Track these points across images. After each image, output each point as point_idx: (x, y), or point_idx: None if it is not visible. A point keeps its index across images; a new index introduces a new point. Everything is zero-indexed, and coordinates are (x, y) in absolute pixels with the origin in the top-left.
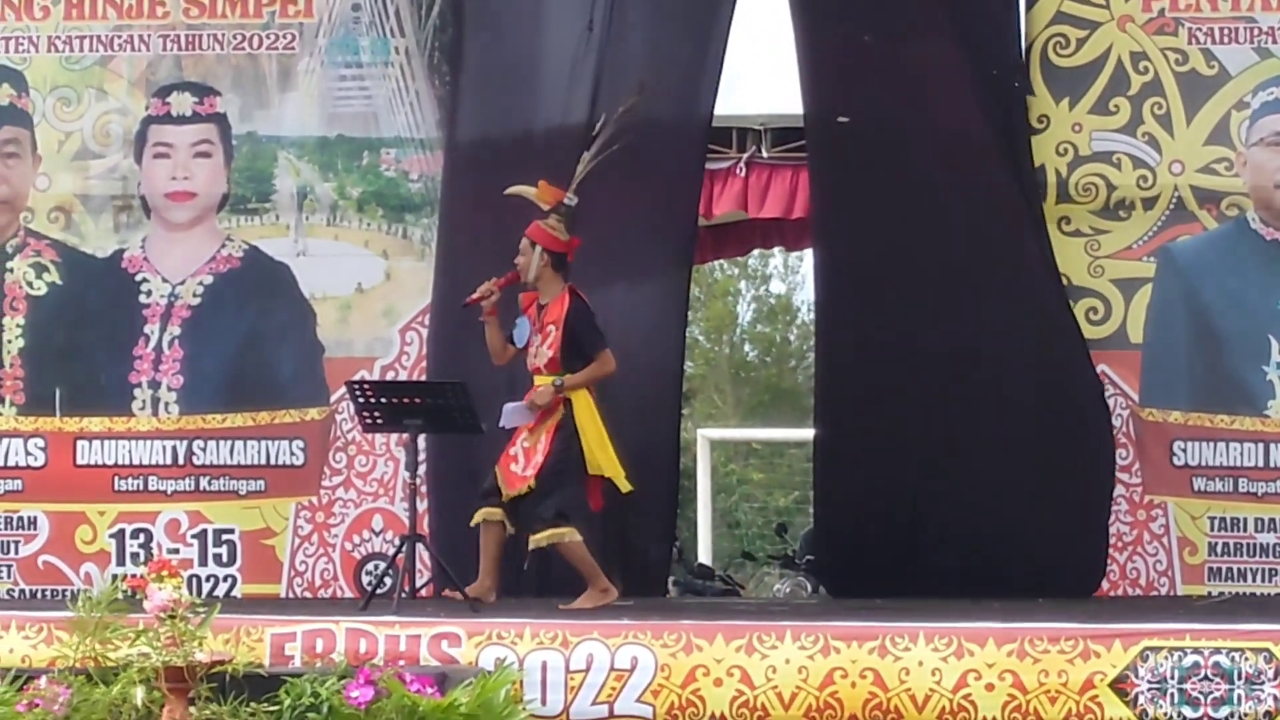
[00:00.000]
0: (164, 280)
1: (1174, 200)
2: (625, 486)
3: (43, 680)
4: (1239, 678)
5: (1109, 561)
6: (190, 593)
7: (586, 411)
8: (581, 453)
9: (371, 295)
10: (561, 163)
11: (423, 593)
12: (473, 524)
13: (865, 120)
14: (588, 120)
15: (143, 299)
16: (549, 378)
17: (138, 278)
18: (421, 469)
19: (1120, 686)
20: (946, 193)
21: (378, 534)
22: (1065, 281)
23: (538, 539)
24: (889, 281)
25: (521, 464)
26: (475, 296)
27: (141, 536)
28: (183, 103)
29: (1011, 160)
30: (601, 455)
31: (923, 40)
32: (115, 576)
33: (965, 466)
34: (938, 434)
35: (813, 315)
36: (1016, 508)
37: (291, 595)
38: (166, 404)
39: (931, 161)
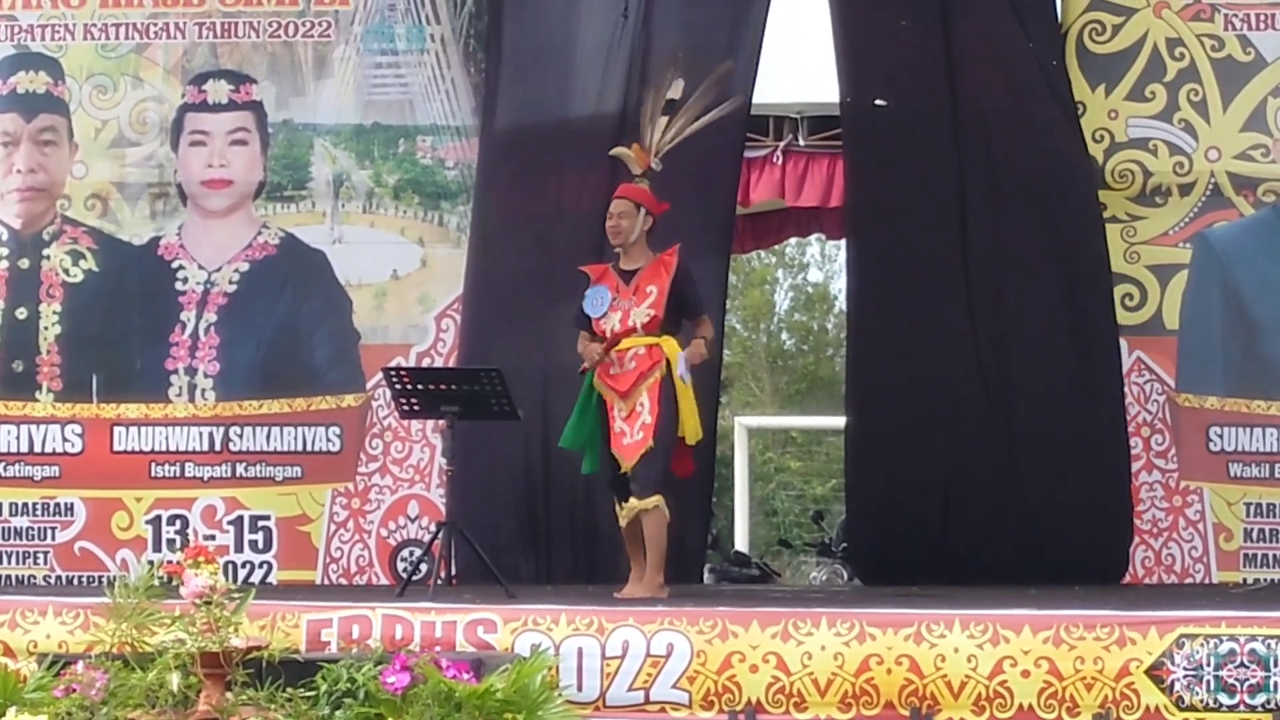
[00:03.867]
0: (200, 267)
1: (1210, 186)
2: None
3: (80, 665)
4: (1275, 665)
5: (1144, 547)
6: (226, 579)
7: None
8: (676, 418)
9: (407, 282)
10: (597, 149)
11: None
12: (624, 522)
13: (902, 106)
14: (622, 108)
15: (179, 286)
16: (645, 339)
17: (174, 265)
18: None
19: (1156, 673)
20: (979, 178)
21: (413, 520)
22: None
23: (645, 504)
24: (921, 269)
25: (629, 430)
26: (587, 367)
27: (178, 523)
28: (219, 90)
29: (1057, 141)
30: (693, 421)
31: (959, 24)
32: (151, 562)
33: (996, 454)
34: (969, 422)
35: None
36: (1045, 496)
37: (327, 581)
38: (203, 390)
39: (966, 147)
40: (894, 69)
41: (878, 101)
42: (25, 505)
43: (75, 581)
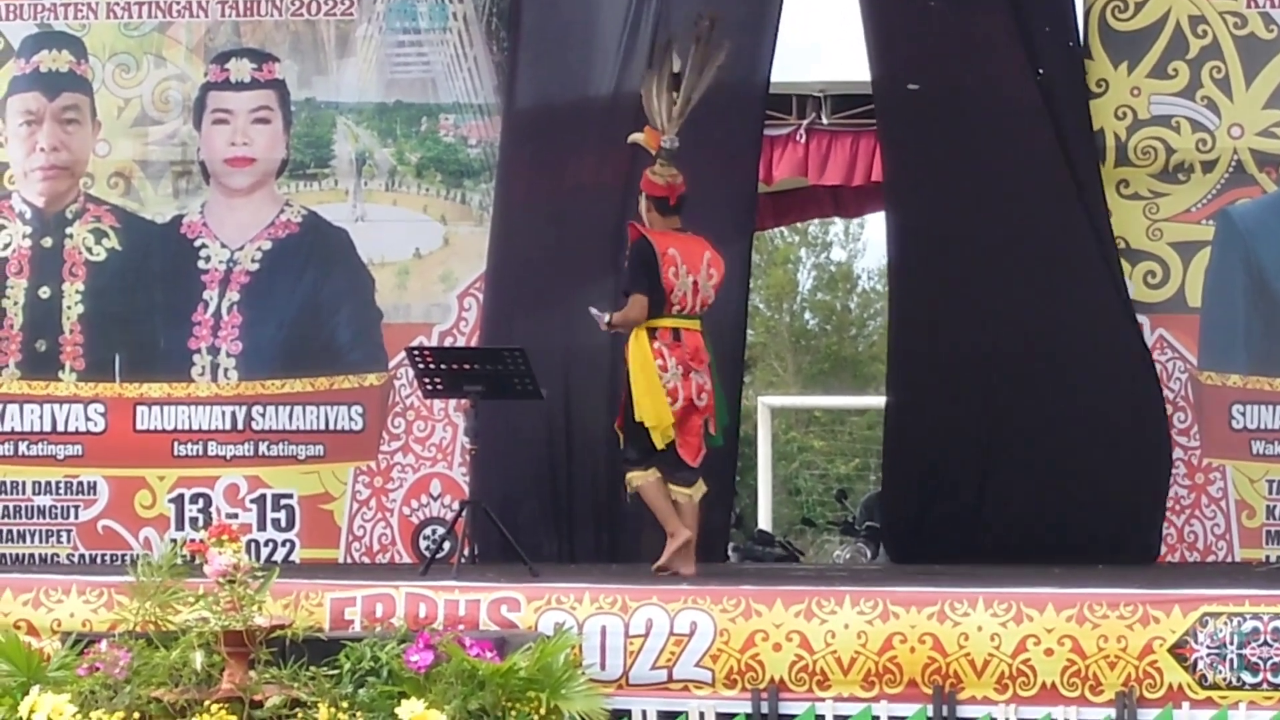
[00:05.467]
0: (223, 246)
1: (1233, 163)
2: (659, 442)
3: (103, 644)
4: None
5: (1167, 525)
6: (249, 557)
7: (635, 358)
8: (631, 400)
9: (429, 261)
10: (619, 128)
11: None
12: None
13: (933, 86)
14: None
15: (202, 265)
16: None
17: (197, 243)
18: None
19: (1179, 652)
20: (1010, 158)
21: (435, 499)
22: (1123, 244)
23: (627, 480)
24: (960, 246)
25: None
26: None
27: (200, 501)
28: (241, 69)
29: (1063, 123)
30: (646, 402)
31: (987, 6)
32: (174, 541)
33: (1031, 434)
34: (1005, 401)
35: (873, 283)
36: (1078, 476)
37: (349, 560)
38: (225, 369)
39: (997, 127)
40: (923, 50)
41: (910, 86)
42: (48, 484)
43: (98, 560)
